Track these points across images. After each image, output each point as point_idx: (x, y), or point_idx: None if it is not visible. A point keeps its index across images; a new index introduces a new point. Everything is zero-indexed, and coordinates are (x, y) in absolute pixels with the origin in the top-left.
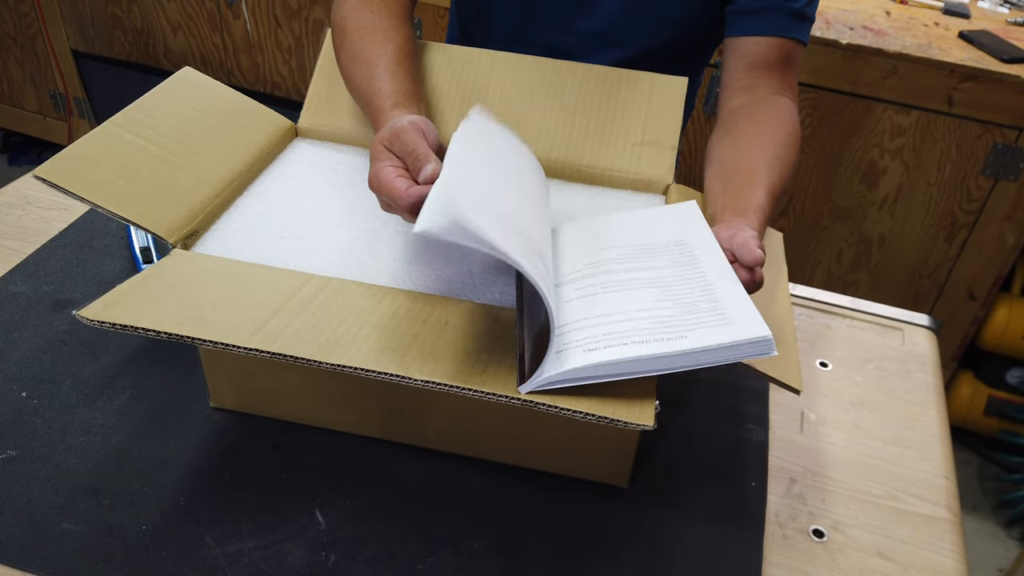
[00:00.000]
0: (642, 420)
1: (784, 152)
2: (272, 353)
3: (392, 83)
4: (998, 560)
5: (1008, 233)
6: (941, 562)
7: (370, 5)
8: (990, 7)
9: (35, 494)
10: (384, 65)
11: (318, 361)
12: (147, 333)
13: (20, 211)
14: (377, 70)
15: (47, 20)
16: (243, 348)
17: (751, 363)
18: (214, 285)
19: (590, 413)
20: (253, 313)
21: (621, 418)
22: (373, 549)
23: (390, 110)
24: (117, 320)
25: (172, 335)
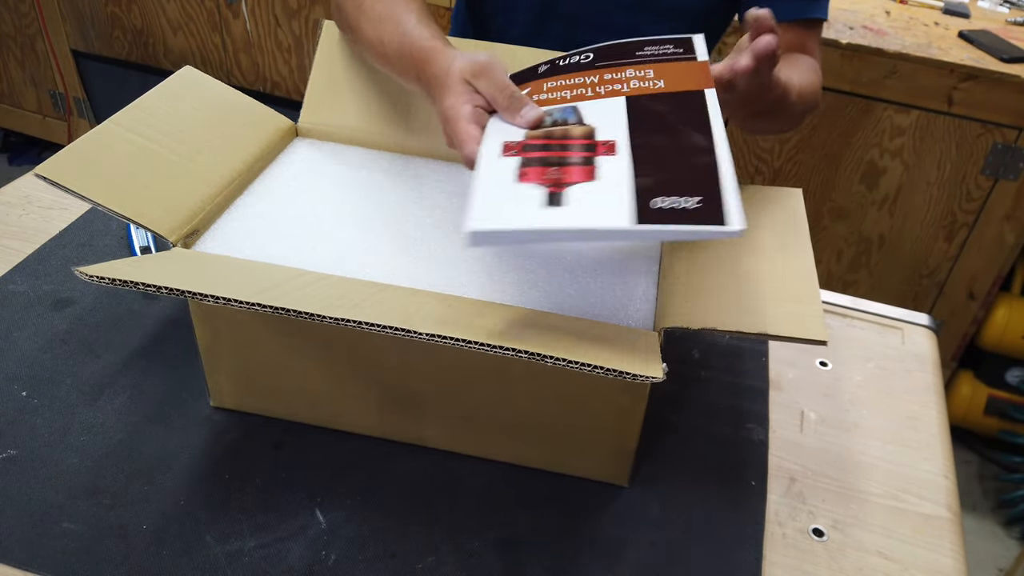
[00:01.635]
0: (650, 372)
1: (808, 77)
2: (275, 308)
3: (432, 29)
4: (998, 560)
5: (1008, 233)
6: (941, 561)
7: None
8: (990, 7)
9: (35, 493)
10: (415, 19)
11: (322, 316)
12: (147, 288)
13: (20, 210)
14: (409, 23)
15: (47, 20)
16: (245, 303)
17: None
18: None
19: (599, 366)
20: (253, 284)
21: (630, 370)
22: (373, 548)
23: (445, 48)
24: (116, 276)
25: (174, 290)
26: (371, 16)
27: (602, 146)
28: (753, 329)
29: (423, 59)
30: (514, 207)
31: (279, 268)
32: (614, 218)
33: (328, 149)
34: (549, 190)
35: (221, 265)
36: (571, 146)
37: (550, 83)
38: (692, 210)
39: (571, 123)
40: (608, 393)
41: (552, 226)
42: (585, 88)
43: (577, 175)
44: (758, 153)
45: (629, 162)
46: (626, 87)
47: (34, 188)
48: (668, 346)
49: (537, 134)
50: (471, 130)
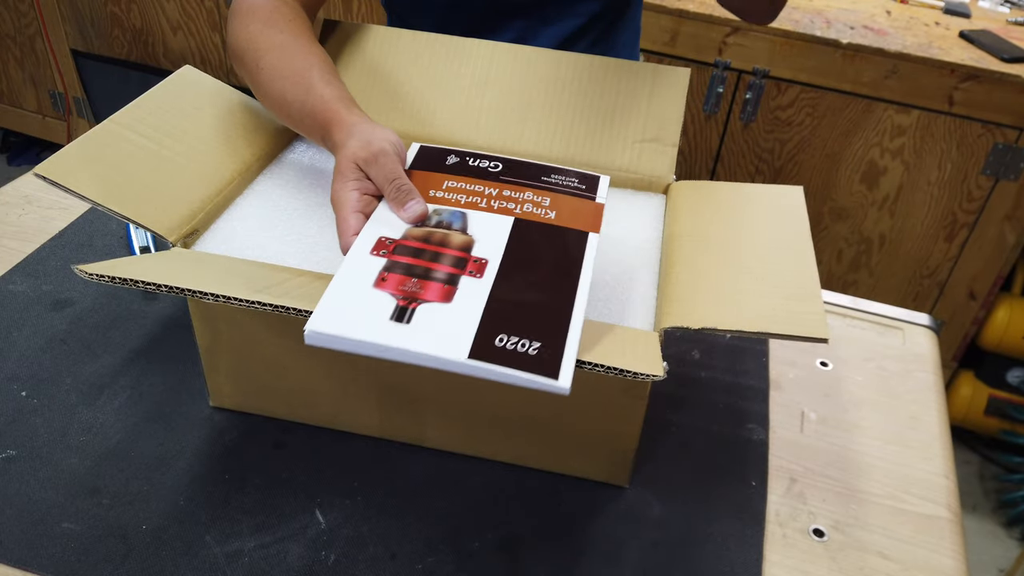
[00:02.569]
0: (652, 371)
1: None
2: (275, 306)
3: (334, 88)
4: (998, 560)
5: (1008, 233)
6: (941, 562)
7: (278, 25)
8: (991, 7)
9: (35, 493)
10: (317, 75)
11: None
12: (147, 287)
13: (20, 210)
14: (312, 80)
15: (46, 20)
16: (245, 301)
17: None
18: (214, 267)
19: (599, 364)
20: (253, 283)
21: (631, 369)
22: (373, 548)
23: (347, 115)
24: (116, 274)
25: (173, 288)
26: (270, 72)
27: (473, 263)
28: (753, 328)
29: (326, 124)
30: (360, 314)
31: (279, 268)
32: (450, 349)
33: None
34: (399, 303)
35: (221, 264)
36: (443, 256)
37: (450, 182)
38: (530, 356)
39: (455, 229)
40: (608, 393)
41: (388, 343)
42: (481, 198)
43: (434, 294)
44: (759, 153)
45: (488, 291)
46: (519, 208)
47: (34, 188)
48: (668, 346)
49: (417, 233)
50: (351, 220)
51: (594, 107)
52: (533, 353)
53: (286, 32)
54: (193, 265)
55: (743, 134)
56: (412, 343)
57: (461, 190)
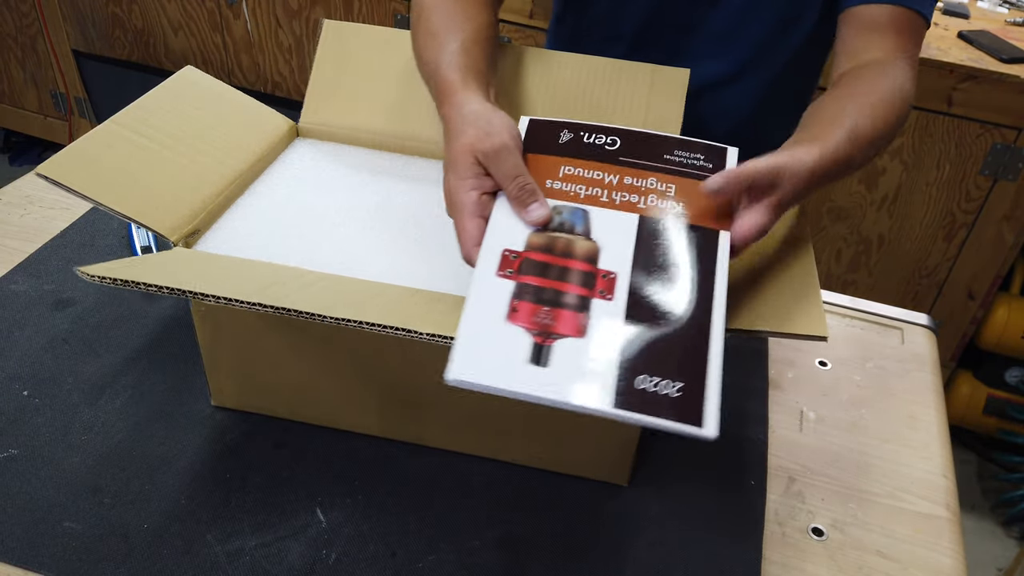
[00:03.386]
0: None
1: (877, 102)
2: (276, 308)
3: (465, 58)
4: (997, 559)
5: (1007, 233)
6: (940, 561)
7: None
8: (989, 7)
9: (36, 493)
10: (459, 41)
11: (323, 316)
12: (149, 289)
13: (22, 210)
14: (450, 45)
15: (48, 20)
16: (246, 303)
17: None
18: (215, 267)
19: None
20: (254, 284)
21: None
22: (374, 547)
23: (462, 89)
24: (118, 276)
25: (175, 290)
26: (424, 27)
27: (601, 279)
28: (753, 326)
29: (443, 92)
30: (497, 357)
31: (280, 267)
32: (593, 398)
33: (328, 149)
34: (535, 339)
35: (222, 264)
36: (570, 272)
37: (567, 167)
38: (672, 399)
39: (578, 233)
40: None
41: (530, 392)
42: (601, 189)
43: (567, 326)
44: None
45: (623, 318)
46: (643, 201)
47: (35, 188)
48: None
49: (540, 241)
50: (472, 228)
51: (594, 107)
52: (675, 395)
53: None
54: (195, 266)
55: None
56: (554, 392)
57: (579, 179)
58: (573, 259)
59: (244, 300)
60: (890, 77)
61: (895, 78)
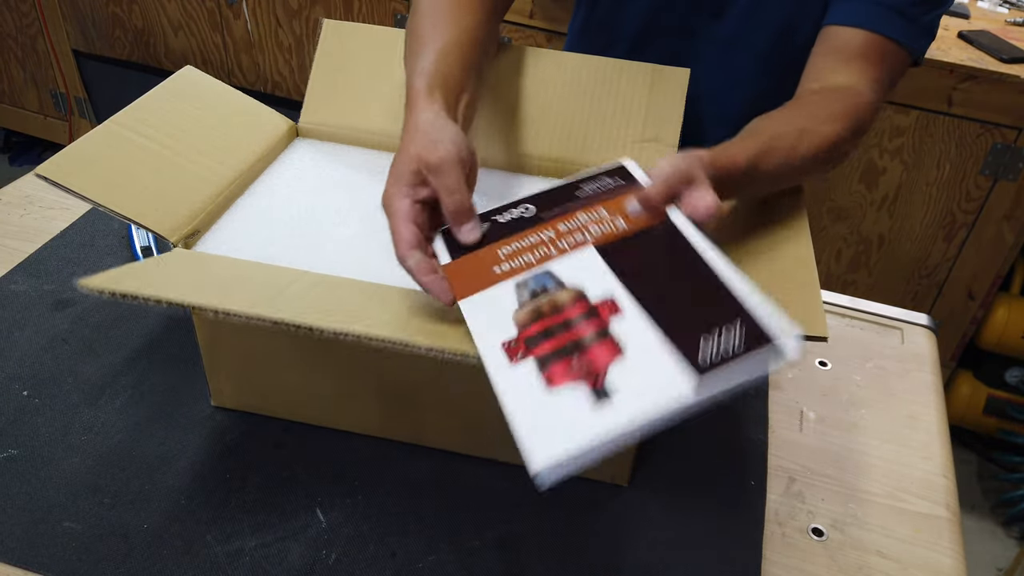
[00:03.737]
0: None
1: (810, 130)
2: (275, 321)
3: (438, 65)
4: (997, 559)
5: (1007, 233)
6: (940, 561)
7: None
8: (989, 7)
9: (36, 493)
10: (438, 46)
11: (321, 329)
12: (147, 302)
13: (21, 211)
14: (426, 50)
15: (48, 20)
16: (244, 316)
17: None
18: (215, 271)
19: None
20: (254, 292)
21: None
22: (374, 547)
23: (424, 97)
24: (118, 289)
25: (174, 303)
26: (411, 29)
27: (604, 308)
28: None
29: (407, 100)
30: (566, 422)
31: (279, 270)
32: (676, 388)
33: (328, 149)
34: (587, 386)
35: (221, 269)
36: (572, 321)
37: (503, 249)
38: (742, 336)
39: (551, 290)
40: None
41: (616, 429)
42: (546, 247)
43: (604, 355)
44: None
45: (643, 315)
46: (587, 235)
47: (35, 188)
48: None
49: (528, 316)
50: (405, 232)
51: (594, 107)
52: (740, 332)
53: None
54: (194, 271)
55: None
56: (637, 414)
57: (521, 250)
58: (566, 310)
59: (242, 313)
60: (833, 104)
61: (841, 104)
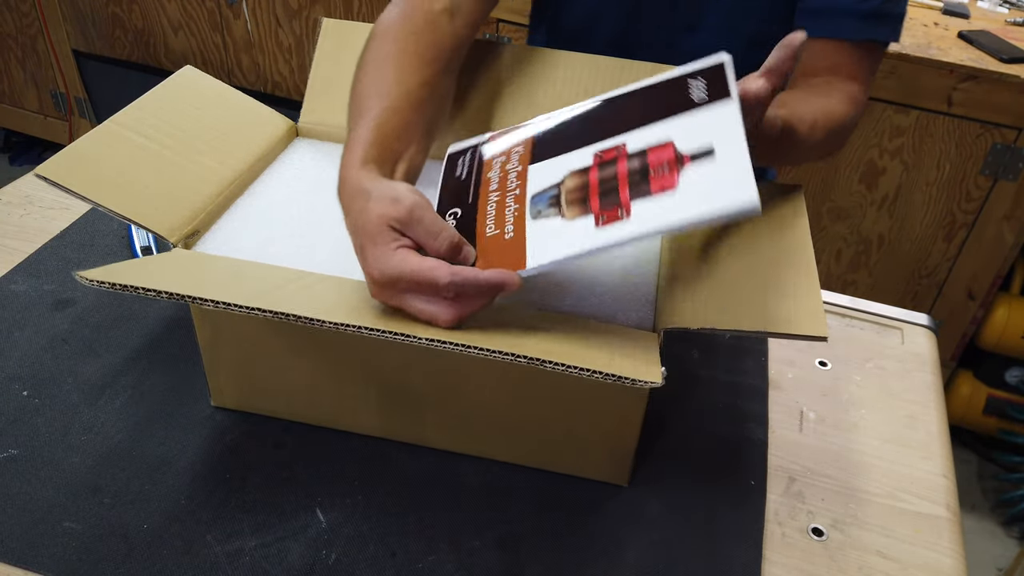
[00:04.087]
0: (650, 377)
1: (828, 103)
2: (275, 312)
3: (374, 133)
4: (997, 559)
5: (1007, 233)
6: (940, 561)
7: (393, 35)
8: (989, 7)
9: (36, 493)
10: (375, 113)
11: (322, 320)
12: (147, 293)
13: (21, 210)
14: (364, 117)
15: (48, 20)
16: (245, 307)
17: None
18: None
19: (598, 371)
20: (254, 287)
21: (629, 375)
22: (374, 547)
23: (358, 168)
24: (117, 280)
25: (174, 294)
26: (354, 87)
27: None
28: (752, 327)
29: (340, 176)
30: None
31: (279, 269)
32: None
33: (328, 149)
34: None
35: (221, 267)
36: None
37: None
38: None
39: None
40: (608, 393)
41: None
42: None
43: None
44: None
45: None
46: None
47: (35, 188)
48: (668, 346)
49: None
50: (425, 265)
51: None
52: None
53: (399, 41)
54: (194, 269)
55: None
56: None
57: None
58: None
59: (243, 304)
60: (842, 103)
61: (845, 105)
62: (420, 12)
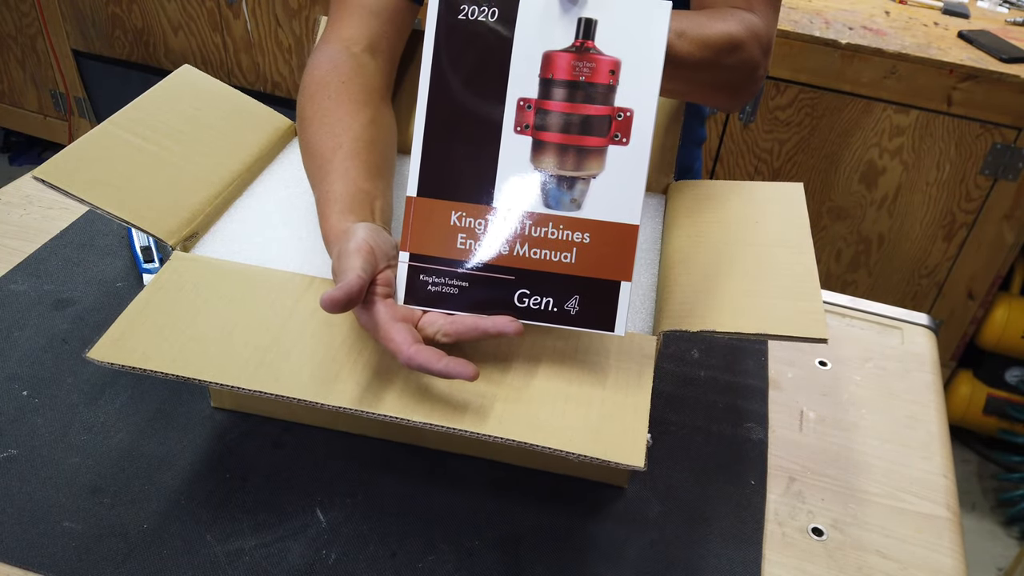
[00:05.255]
0: (632, 460)
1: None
2: (276, 395)
3: (345, 186)
4: (997, 559)
5: (1007, 233)
6: (940, 561)
7: (328, 89)
8: (989, 7)
9: (36, 492)
10: (335, 165)
11: (307, 400)
12: (155, 374)
13: (21, 210)
14: (326, 173)
15: (47, 20)
16: (247, 390)
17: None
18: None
19: (583, 455)
20: (254, 341)
21: (612, 459)
22: (374, 547)
23: (337, 219)
24: (125, 362)
25: (180, 377)
26: (305, 148)
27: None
28: (752, 330)
29: (324, 228)
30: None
31: (279, 274)
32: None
33: None
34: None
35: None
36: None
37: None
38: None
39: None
40: None
41: None
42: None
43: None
44: (757, 153)
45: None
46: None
47: (35, 188)
48: (668, 345)
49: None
50: (397, 334)
51: None
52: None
53: (334, 96)
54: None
55: (742, 134)
56: None
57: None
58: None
59: (245, 388)
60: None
61: (730, 17)
62: (344, 58)
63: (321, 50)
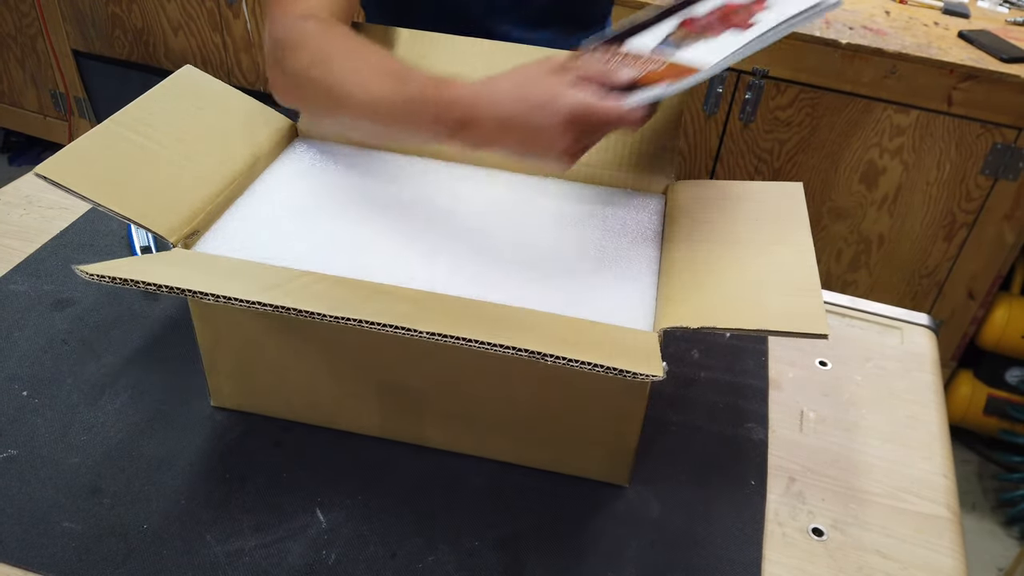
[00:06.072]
0: (651, 371)
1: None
2: (276, 307)
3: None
4: (997, 559)
5: (1007, 232)
6: (940, 561)
7: (331, 37)
8: (990, 7)
9: (36, 493)
10: (401, 63)
11: (323, 315)
12: (148, 287)
13: (21, 210)
14: (400, 67)
15: (47, 20)
16: (246, 302)
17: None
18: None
19: (599, 364)
20: (253, 283)
21: (631, 369)
22: (374, 548)
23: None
24: (117, 274)
25: (174, 288)
26: (353, 75)
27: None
28: (752, 325)
29: (444, 102)
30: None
31: (279, 268)
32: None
33: (328, 149)
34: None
35: (221, 265)
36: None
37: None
38: None
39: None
40: (608, 393)
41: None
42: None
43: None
44: (757, 153)
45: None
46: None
47: (35, 188)
48: (668, 345)
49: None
50: (603, 104)
51: None
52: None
53: (347, 38)
54: (194, 266)
55: (742, 134)
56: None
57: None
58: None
59: (244, 299)
60: None
61: None
62: (314, 22)
63: (280, 21)
